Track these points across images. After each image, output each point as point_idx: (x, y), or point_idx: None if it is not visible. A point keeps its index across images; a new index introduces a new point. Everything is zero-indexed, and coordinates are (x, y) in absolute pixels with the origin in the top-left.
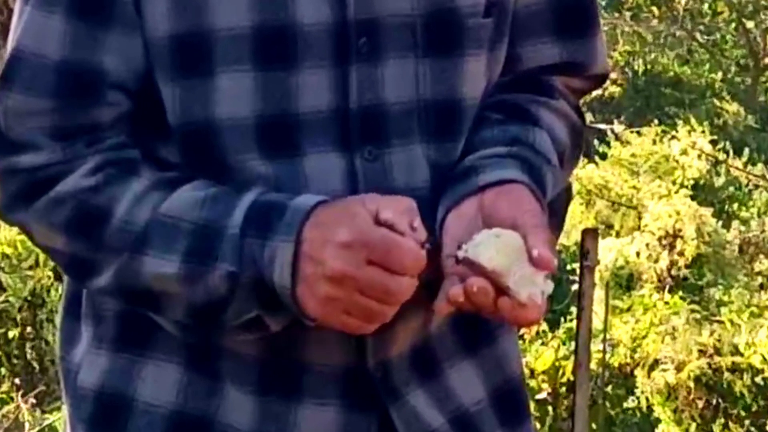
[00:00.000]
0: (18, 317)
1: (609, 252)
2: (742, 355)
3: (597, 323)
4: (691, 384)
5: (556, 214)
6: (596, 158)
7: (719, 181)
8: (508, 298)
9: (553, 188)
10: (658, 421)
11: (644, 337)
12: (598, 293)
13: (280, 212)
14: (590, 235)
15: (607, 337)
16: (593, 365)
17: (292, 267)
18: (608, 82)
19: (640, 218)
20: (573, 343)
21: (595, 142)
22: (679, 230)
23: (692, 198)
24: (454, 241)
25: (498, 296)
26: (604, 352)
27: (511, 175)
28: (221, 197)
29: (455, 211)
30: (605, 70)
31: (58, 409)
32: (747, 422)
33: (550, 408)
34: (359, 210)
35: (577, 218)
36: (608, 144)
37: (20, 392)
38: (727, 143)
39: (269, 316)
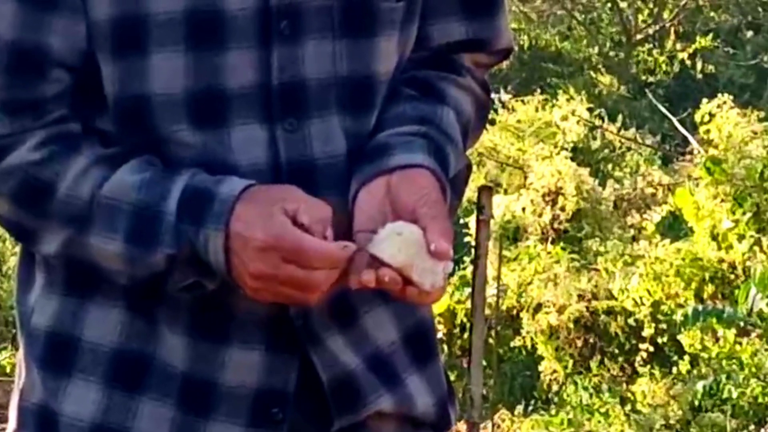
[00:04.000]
0: None
1: (498, 208)
2: (616, 299)
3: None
4: (571, 325)
5: (456, 190)
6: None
7: (595, 144)
8: (414, 287)
9: (455, 166)
10: (541, 358)
11: (529, 284)
12: (490, 244)
13: (209, 201)
14: (485, 192)
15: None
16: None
17: (224, 252)
18: None
19: (525, 177)
20: (466, 290)
21: None
22: (561, 188)
23: (572, 159)
24: (365, 216)
25: (405, 285)
26: (498, 297)
27: (417, 160)
28: (157, 180)
29: (366, 189)
30: (509, 44)
31: (6, 349)
32: (621, 359)
33: (445, 347)
34: (276, 211)
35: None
36: (496, 111)
37: None
38: (603, 110)
39: (206, 280)
